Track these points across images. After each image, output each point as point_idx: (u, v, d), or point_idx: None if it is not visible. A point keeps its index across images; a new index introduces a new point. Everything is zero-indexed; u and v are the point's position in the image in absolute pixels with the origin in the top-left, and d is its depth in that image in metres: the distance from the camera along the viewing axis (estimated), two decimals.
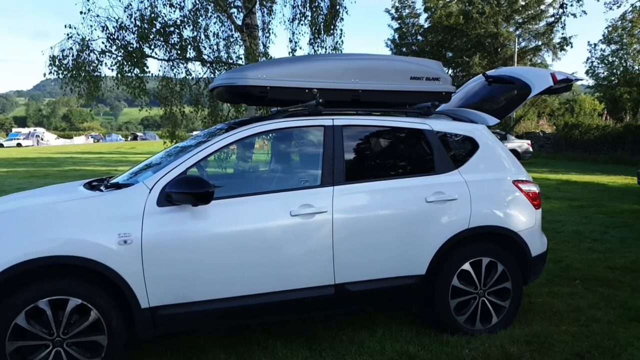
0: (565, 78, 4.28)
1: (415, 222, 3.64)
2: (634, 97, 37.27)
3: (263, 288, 3.28)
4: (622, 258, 6.02)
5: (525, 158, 22.34)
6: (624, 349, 3.51)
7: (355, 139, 3.76)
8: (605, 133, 25.09)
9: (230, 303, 3.23)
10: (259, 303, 3.28)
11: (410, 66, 4.09)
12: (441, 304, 3.69)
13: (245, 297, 3.25)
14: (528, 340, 3.65)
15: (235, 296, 3.24)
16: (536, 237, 4.04)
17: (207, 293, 3.19)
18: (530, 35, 37.87)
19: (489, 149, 4.02)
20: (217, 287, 3.20)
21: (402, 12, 41.35)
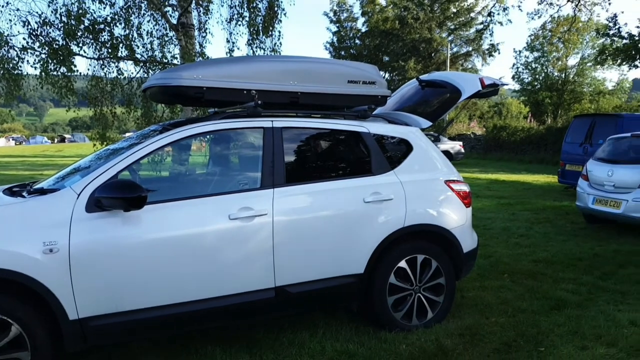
0: (493, 83, 4.53)
1: (353, 223, 3.72)
2: (555, 101, 39.62)
3: (201, 294, 3.23)
4: (544, 252, 6.42)
5: (457, 159, 23.22)
6: (545, 336, 3.76)
7: (294, 141, 3.80)
8: (530, 135, 26.52)
9: (166, 311, 3.14)
10: (197, 310, 3.22)
11: (347, 70, 4.18)
12: (379, 302, 3.80)
13: (182, 305, 3.18)
14: (461, 333, 3.83)
15: (172, 304, 3.16)
16: (467, 234, 4.24)
17: (142, 302, 3.09)
18: (461, 41, 39.46)
19: (422, 151, 4.18)
20: (152, 295, 3.12)
21: (340, 15, 41.92)
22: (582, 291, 4.84)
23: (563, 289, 4.89)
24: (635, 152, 7.66)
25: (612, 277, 5.33)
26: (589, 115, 13.58)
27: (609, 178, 7.47)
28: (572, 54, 40.22)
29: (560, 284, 5.08)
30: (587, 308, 4.38)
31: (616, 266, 5.73)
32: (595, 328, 3.90)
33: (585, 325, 3.96)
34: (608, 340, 3.68)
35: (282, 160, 3.58)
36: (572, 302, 4.50)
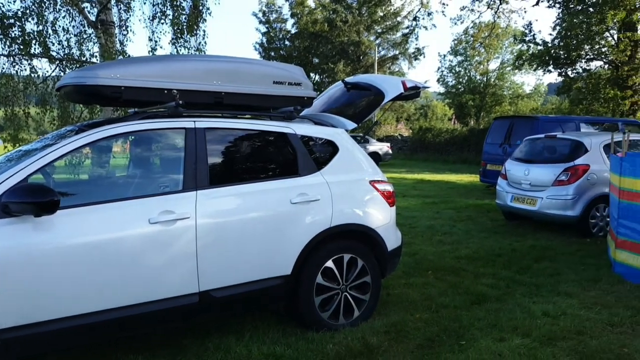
0: (414, 85, 4.66)
1: (280, 224, 3.69)
2: (477, 103, 41.57)
3: (121, 301, 3.08)
4: (466, 248, 6.69)
5: (385, 160, 23.81)
6: (466, 330, 3.90)
7: (218, 142, 3.71)
8: (453, 136, 27.66)
9: (85, 320, 2.97)
10: (117, 317, 3.07)
11: (273, 70, 4.15)
12: (306, 302, 3.79)
13: (101, 313, 3.02)
14: (386, 330, 3.89)
15: (91, 312, 2.99)
16: (391, 233, 4.33)
17: (58, 311, 2.90)
18: (388, 44, 40.55)
19: (348, 152, 4.22)
20: (69, 304, 2.94)
21: (270, 16, 41.82)
22: (500, 285, 5.07)
23: (483, 284, 5.10)
24: (549, 152, 8.16)
25: (528, 271, 5.63)
26: (508, 117, 14.34)
27: (525, 177, 7.91)
28: (492, 59, 42.40)
29: (481, 279, 5.31)
30: (505, 301, 4.59)
31: (532, 261, 6.06)
32: (512, 320, 4.09)
33: (503, 317, 4.15)
34: (523, 331, 3.87)
35: (206, 161, 3.49)
36: (492, 297, 4.70)
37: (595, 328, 3.94)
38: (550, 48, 24.00)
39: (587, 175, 7.23)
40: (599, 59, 24.00)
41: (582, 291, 4.87)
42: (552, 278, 5.33)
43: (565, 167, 7.39)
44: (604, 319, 4.12)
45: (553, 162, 7.73)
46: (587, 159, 7.38)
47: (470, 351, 3.53)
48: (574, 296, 4.72)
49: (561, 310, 4.32)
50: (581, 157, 7.44)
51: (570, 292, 4.82)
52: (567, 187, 7.26)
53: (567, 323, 4.02)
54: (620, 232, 5.45)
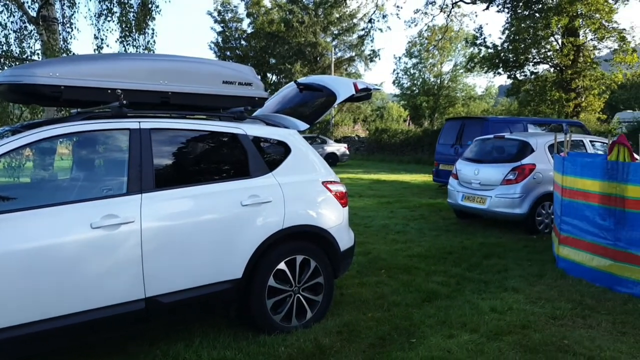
0: (366, 87, 4.70)
1: (231, 227, 3.64)
2: (431, 105, 42.46)
3: (62, 310, 2.96)
4: (419, 247, 6.80)
5: (343, 160, 23.95)
6: (417, 328, 3.96)
7: (165, 143, 3.62)
8: (408, 137, 28.10)
9: (22, 330, 2.84)
10: (59, 327, 2.94)
11: (222, 70, 4.09)
12: (258, 305, 3.75)
13: (40, 322, 2.89)
14: (339, 331, 3.91)
15: (30, 322, 2.86)
16: (344, 233, 4.35)
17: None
18: (345, 46, 40.84)
19: (300, 153, 4.21)
20: (6, 313, 2.80)
21: (225, 15, 41.37)
22: (451, 283, 5.18)
23: (434, 282, 5.20)
24: (497, 152, 8.40)
25: (477, 268, 5.77)
26: (459, 118, 14.70)
27: (475, 176, 8.11)
28: (446, 61, 43.43)
29: (432, 276, 5.41)
30: (455, 298, 4.69)
31: (481, 258, 6.22)
32: (461, 317, 4.19)
33: (453, 314, 4.24)
34: (471, 327, 3.96)
35: (151, 163, 3.40)
36: (442, 294, 4.80)
37: (539, 322, 4.08)
38: (500, 51, 24.81)
39: (533, 175, 7.49)
40: (545, 62, 24.99)
41: (528, 286, 5.03)
42: (500, 274, 5.48)
43: (512, 167, 7.63)
44: (547, 313, 4.27)
45: (501, 161, 7.97)
46: (533, 159, 7.65)
47: (420, 348, 3.59)
48: (520, 291, 4.87)
49: (508, 305, 4.45)
50: (528, 157, 7.70)
51: (516, 288, 4.97)
52: (514, 186, 7.50)
53: (513, 318, 4.15)
54: (563, 228, 5.67)
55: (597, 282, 5.02)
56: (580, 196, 5.40)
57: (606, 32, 22.45)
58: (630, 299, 4.55)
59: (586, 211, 5.27)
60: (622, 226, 4.79)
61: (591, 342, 3.68)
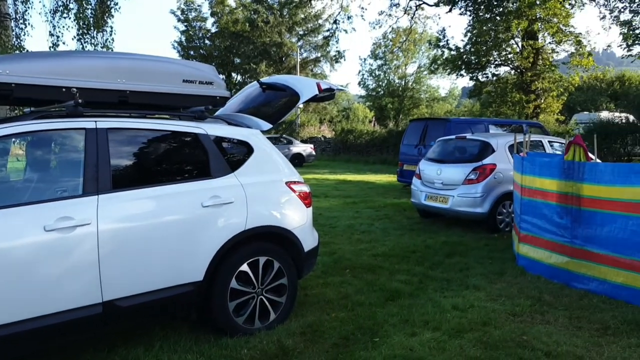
0: (329, 87, 4.69)
1: (191, 228, 3.57)
2: (396, 106, 42.93)
3: (14, 316, 2.85)
4: (383, 246, 6.85)
5: (309, 161, 23.95)
6: (380, 327, 3.98)
7: (123, 143, 3.53)
8: (374, 137, 28.30)
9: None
10: (10, 334, 2.83)
11: (182, 69, 4.02)
12: (220, 308, 3.69)
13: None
14: (302, 332, 3.89)
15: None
16: (308, 234, 4.33)
17: None
18: (310, 46, 40.88)
19: (263, 153, 4.17)
20: None
21: (189, 14, 40.82)
22: (414, 281, 5.23)
23: (398, 281, 5.24)
24: (459, 153, 8.54)
25: (440, 266, 5.85)
26: (423, 120, 14.89)
27: (438, 176, 8.23)
28: (410, 63, 43.96)
29: (396, 275, 5.45)
30: (418, 297, 4.74)
31: (444, 256, 6.31)
32: (424, 315, 4.23)
33: (415, 313, 4.28)
34: (434, 325, 4.01)
35: (108, 164, 3.30)
36: (405, 292, 4.84)
37: (499, 319, 4.16)
38: (462, 53, 25.29)
39: (494, 174, 7.65)
40: (506, 64, 25.61)
41: (489, 284, 5.13)
42: (462, 272, 5.57)
43: (474, 167, 7.77)
44: (507, 310, 4.35)
45: (463, 162, 8.11)
46: (494, 159, 7.81)
47: (383, 347, 3.60)
48: (482, 289, 4.96)
49: (469, 303, 4.52)
50: (488, 157, 7.85)
51: (478, 286, 5.06)
52: (476, 185, 7.64)
53: (474, 315, 4.21)
54: (523, 227, 5.80)
55: (555, 279, 5.15)
56: (538, 195, 5.53)
57: (563, 36, 23.19)
58: (586, 295, 4.69)
59: (544, 210, 5.41)
60: (579, 224, 4.93)
61: (549, 337, 3.77)
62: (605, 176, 4.65)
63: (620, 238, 4.50)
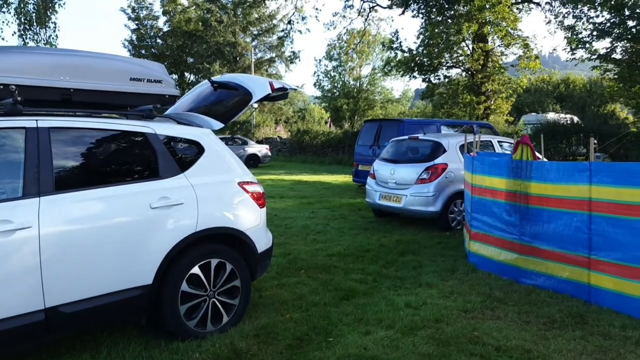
0: (282, 87, 4.66)
1: (139, 231, 3.46)
2: (351, 107, 43.23)
3: None
4: (338, 246, 6.86)
5: (264, 162, 23.81)
6: (335, 326, 3.97)
7: (66, 143, 3.37)
8: (329, 138, 28.43)
9: None
10: None
11: (130, 67, 3.90)
12: (170, 312, 3.59)
13: None
14: (256, 334, 3.83)
15: None
16: (262, 235, 4.28)
17: None
18: (265, 47, 40.64)
19: (214, 153, 4.09)
20: None
21: (140, 13, 39.83)
22: (368, 280, 5.26)
23: (352, 280, 5.25)
24: (412, 153, 8.66)
25: (393, 265, 5.91)
26: (377, 120, 15.05)
27: (391, 176, 8.32)
28: (364, 65, 44.35)
29: (351, 274, 5.46)
30: (372, 295, 4.76)
31: (398, 255, 6.38)
32: (378, 313, 4.25)
33: (369, 311, 4.30)
34: (387, 324, 4.03)
35: (50, 164, 3.15)
36: (360, 291, 4.85)
37: (451, 315, 4.23)
38: (415, 55, 25.75)
39: (445, 174, 7.80)
40: (457, 66, 26.25)
41: (441, 281, 5.21)
42: (415, 270, 5.64)
43: (426, 166, 7.90)
44: (459, 307, 4.43)
45: (416, 161, 8.23)
46: (446, 159, 7.97)
47: (337, 347, 3.59)
48: (434, 286, 5.03)
49: (422, 300, 4.58)
50: (440, 157, 8.00)
51: (430, 283, 5.13)
52: (428, 184, 7.77)
53: (427, 313, 4.27)
54: (473, 225, 5.94)
55: (504, 275, 5.29)
56: (488, 193, 5.67)
57: (512, 39, 24.01)
58: (534, 290, 4.83)
59: (494, 208, 5.55)
60: (527, 221, 5.08)
61: (499, 333, 3.86)
62: (551, 174, 4.81)
63: (566, 234, 4.66)
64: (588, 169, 4.44)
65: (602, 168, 4.39)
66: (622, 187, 4.19)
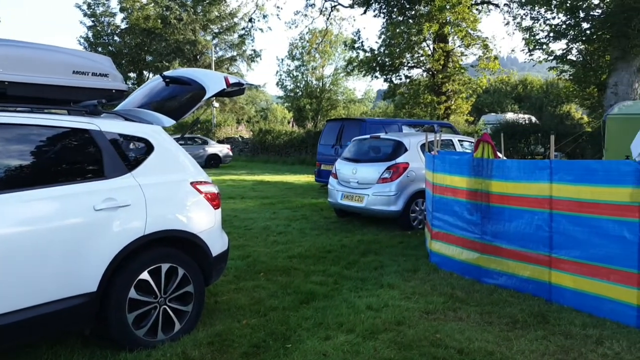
0: (238, 82, 4.46)
1: (81, 235, 3.21)
2: (314, 107, 43.11)
3: None
4: (299, 247, 6.70)
5: (225, 162, 23.40)
6: (293, 332, 3.81)
7: (1, 141, 3.10)
8: (292, 138, 28.19)
9: None
10: None
11: (73, 59, 3.62)
12: (117, 321, 3.35)
13: None
14: (210, 341, 3.63)
15: None
16: (216, 237, 4.08)
17: None
18: (226, 45, 40.08)
19: (165, 151, 3.86)
20: None
21: (96, 9, 38.65)
22: (329, 282, 5.12)
23: (313, 282, 5.10)
24: (374, 152, 8.59)
25: (355, 265, 5.79)
26: (339, 120, 14.96)
27: (353, 175, 8.22)
28: (327, 65, 44.31)
29: (311, 277, 5.31)
30: (333, 298, 4.62)
31: (359, 255, 6.27)
32: (338, 317, 4.11)
33: (330, 315, 4.15)
34: (348, 327, 3.90)
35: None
36: (320, 294, 4.70)
37: (413, 317, 4.13)
38: (377, 55, 25.85)
39: (407, 173, 7.75)
40: (419, 67, 26.50)
41: (403, 282, 5.12)
42: (377, 271, 5.54)
43: (388, 166, 7.83)
44: (421, 308, 4.34)
45: (377, 161, 8.15)
46: (407, 158, 7.91)
47: (295, 354, 3.44)
48: (396, 287, 4.94)
49: (384, 302, 4.47)
50: (402, 156, 7.95)
51: (392, 284, 5.04)
52: (390, 184, 7.70)
53: (388, 315, 4.15)
54: (435, 224, 5.88)
55: (466, 275, 5.25)
56: (449, 192, 5.62)
57: (472, 40, 24.40)
58: (496, 290, 4.80)
59: (455, 207, 5.50)
60: (488, 220, 5.04)
61: (461, 335, 3.78)
62: (512, 173, 4.78)
63: (527, 233, 4.64)
64: (549, 166, 4.42)
65: (563, 166, 4.38)
66: (582, 184, 4.19)
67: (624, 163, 4.01)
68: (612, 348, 3.54)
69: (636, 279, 3.88)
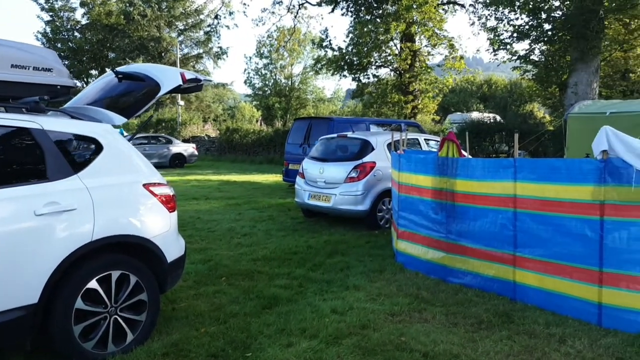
0: (195, 78, 4.26)
1: (20, 242, 2.97)
2: (283, 106, 42.87)
3: None
4: (264, 249, 6.52)
5: (191, 161, 22.98)
6: (254, 339, 3.65)
7: None
8: (260, 137, 27.90)
9: None
10: None
11: (11, 52, 3.37)
12: (62, 333, 3.13)
13: None
14: (165, 352, 3.44)
15: None
16: (172, 242, 3.87)
17: None
18: (192, 42, 39.42)
19: (115, 151, 3.64)
20: None
21: (54, 3, 37.44)
22: (293, 285, 4.97)
23: (277, 286, 4.94)
24: (341, 151, 8.47)
25: (321, 267, 5.65)
26: (307, 118, 14.82)
27: (320, 175, 8.09)
28: (296, 63, 44.11)
29: (275, 280, 5.15)
30: (297, 302, 4.48)
31: (325, 256, 6.14)
32: (302, 322, 3.97)
33: (293, 320, 4.01)
34: (311, 333, 3.76)
35: None
36: (284, 298, 4.55)
37: (378, 320, 4.02)
38: (345, 54, 25.79)
39: (373, 172, 7.65)
40: (386, 66, 26.57)
41: (369, 283, 5.02)
42: (343, 272, 5.42)
43: (355, 165, 7.73)
44: (386, 310, 4.24)
45: (344, 160, 8.04)
46: (374, 157, 7.82)
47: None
48: (362, 289, 4.83)
49: (349, 305, 4.35)
50: (368, 155, 7.85)
51: (358, 285, 4.92)
52: (357, 183, 7.60)
53: (353, 318, 4.04)
54: (400, 223, 5.79)
55: (432, 274, 5.18)
56: (414, 191, 5.54)
57: (438, 40, 24.60)
58: (461, 289, 4.74)
59: (420, 206, 5.43)
60: (453, 219, 4.98)
61: (426, 337, 3.68)
62: (477, 171, 4.73)
63: (492, 232, 4.59)
64: (513, 165, 4.38)
65: (526, 164, 4.34)
66: (545, 183, 4.15)
67: (586, 161, 3.99)
68: (574, 346, 3.52)
69: (597, 277, 3.87)
